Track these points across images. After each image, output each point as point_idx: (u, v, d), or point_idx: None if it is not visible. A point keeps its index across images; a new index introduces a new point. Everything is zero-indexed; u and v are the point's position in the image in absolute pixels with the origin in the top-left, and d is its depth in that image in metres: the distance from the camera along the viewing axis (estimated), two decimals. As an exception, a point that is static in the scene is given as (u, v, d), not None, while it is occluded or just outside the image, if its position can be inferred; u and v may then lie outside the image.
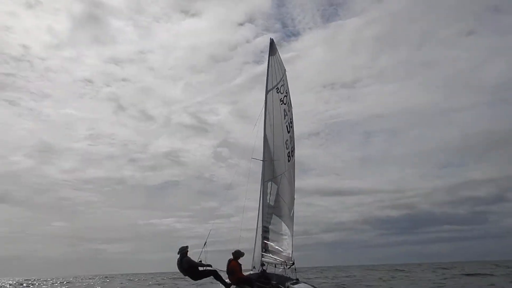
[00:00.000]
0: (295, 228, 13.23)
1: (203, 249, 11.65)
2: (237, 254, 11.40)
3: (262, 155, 13.12)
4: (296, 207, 13.33)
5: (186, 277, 11.77)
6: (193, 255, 11.55)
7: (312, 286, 11.32)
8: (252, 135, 13.31)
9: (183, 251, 11.38)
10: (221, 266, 11.52)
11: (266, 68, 13.21)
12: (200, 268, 11.39)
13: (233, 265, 11.19)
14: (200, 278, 11.69)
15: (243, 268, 11.96)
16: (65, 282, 49.61)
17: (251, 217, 13.83)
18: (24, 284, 42.43)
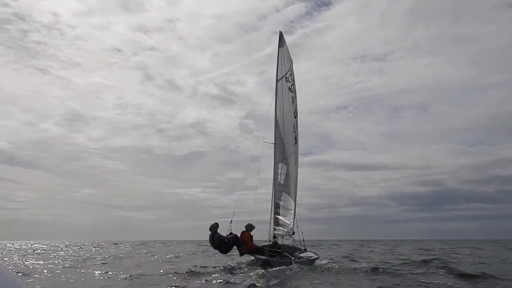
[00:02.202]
0: (318, 201, 14.59)
1: (230, 224, 13.07)
2: (249, 227, 12.92)
3: (273, 139, 14.46)
4: (320, 181, 14.59)
5: (216, 250, 13.29)
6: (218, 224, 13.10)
7: (316, 254, 12.74)
8: (264, 120, 14.62)
9: (214, 228, 12.84)
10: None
11: (276, 59, 14.35)
12: (226, 240, 12.84)
13: (246, 236, 12.71)
14: (228, 251, 13.19)
15: (262, 241, 13.52)
16: (97, 246, 53.33)
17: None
18: (62, 246, 46.21)
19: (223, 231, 12.83)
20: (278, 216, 14.24)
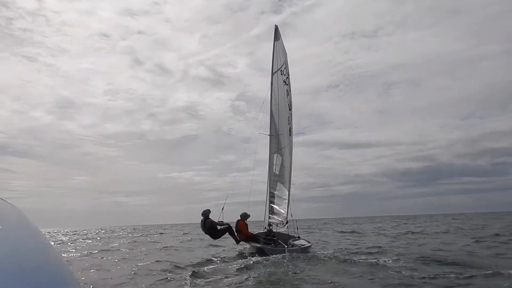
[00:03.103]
0: (312, 180, 15.21)
1: (222, 211, 13.62)
2: (244, 216, 13.46)
3: (268, 130, 14.87)
4: (314, 160, 15.04)
5: (207, 235, 13.89)
6: (212, 207, 13.63)
7: (308, 242, 13.31)
8: (259, 112, 14.99)
9: (206, 214, 13.39)
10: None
11: (272, 52, 14.64)
12: (219, 227, 13.43)
13: (241, 225, 13.27)
14: (219, 237, 13.77)
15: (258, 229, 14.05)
16: (99, 232, 53.96)
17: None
18: (60, 234, 46.90)
19: (215, 217, 13.36)
20: (273, 205, 14.74)
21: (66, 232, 62.35)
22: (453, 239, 17.17)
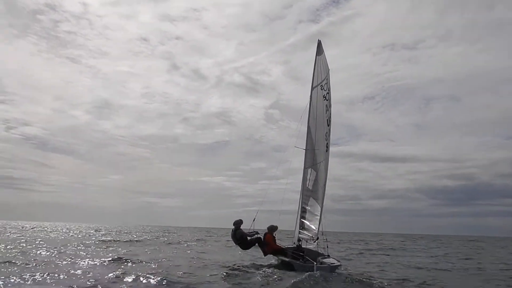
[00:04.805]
0: (343, 192, 14.80)
1: (253, 222, 13.66)
2: (271, 228, 13.36)
3: (304, 144, 14.76)
4: (346, 172, 14.71)
5: (237, 246, 13.96)
6: (241, 213, 13.79)
7: (338, 261, 12.96)
8: (296, 126, 14.94)
9: (238, 224, 13.51)
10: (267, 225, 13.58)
11: (313, 67, 14.61)
12: (249, 238, 13.47)
13: (268, 238, 13.19)
14: (249, 248, 13.81)
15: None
16: (128, 231, 55.48)
17: (299, 179, 14.79)
18: (93, 231, 48.79)
19: (246, 225, 13.43)
20: (303, 220, 14.55)
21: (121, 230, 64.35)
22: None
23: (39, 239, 26.86)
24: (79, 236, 35.95)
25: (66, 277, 10.00)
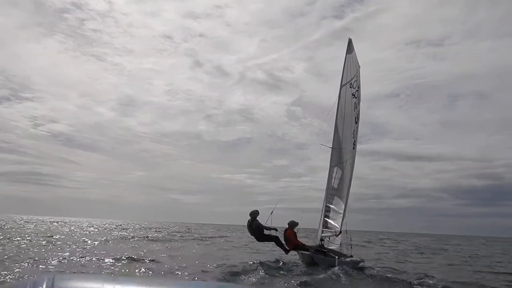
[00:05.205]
0: (366, 191, 14.57)
1: (271, 215, 13.55)
2: (292, 224, 13.24)
3: (327, 142, 14.68)
4: (368, 170, 14.42)
5: (252, 237, 13.84)
6: (262, 210, 13.56)
7: (362, 260, 12.75)
8: (318, 124, 14.88)
9: (254, 214, 13.39)
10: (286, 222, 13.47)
11: (343, 65, 14.55)
12: (266, 232, 13.30)
13: (289, 234, 13.07)
14: (264, 241, 13.60)
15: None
16: (155, 227, 56.24)
17: (322, 177, 14.81)
18: (121, 227, 49.77)
19: (263, 220, 13.18)
20: (327, 219, 14.41)
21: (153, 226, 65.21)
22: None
23: (62, 235, 27.42)
24: (103, 231, 36.63)
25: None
